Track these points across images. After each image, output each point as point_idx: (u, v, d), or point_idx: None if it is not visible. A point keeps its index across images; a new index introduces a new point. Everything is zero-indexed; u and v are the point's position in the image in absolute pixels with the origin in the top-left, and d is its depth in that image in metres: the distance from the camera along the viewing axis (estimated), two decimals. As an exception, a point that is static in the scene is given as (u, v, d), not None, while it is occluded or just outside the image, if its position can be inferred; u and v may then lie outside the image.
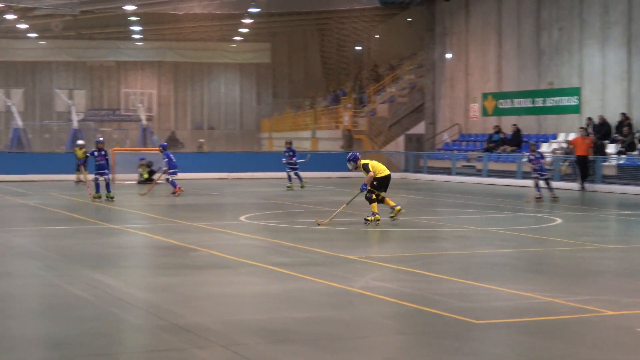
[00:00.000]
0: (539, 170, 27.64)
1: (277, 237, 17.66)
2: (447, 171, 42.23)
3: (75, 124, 50.69)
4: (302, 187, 33.09)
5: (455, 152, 43.34)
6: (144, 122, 52.89)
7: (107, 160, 27.35)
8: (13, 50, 62.81)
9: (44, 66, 68.28)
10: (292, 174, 33.44)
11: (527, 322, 9.99)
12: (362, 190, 20.32)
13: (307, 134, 56.35)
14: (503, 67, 42.85)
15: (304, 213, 23.83)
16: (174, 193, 29.34)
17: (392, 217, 20.56)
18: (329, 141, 52.09)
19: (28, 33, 60.41)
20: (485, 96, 43.80)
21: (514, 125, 40.52)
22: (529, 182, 29.75)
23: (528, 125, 40.90)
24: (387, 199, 20.59)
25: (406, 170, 45.10)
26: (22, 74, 67.96)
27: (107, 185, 26.87)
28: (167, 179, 29.76)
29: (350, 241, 17.43)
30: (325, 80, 67.53)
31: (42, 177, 37.79)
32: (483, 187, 36.49)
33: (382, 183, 20.39)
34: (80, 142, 37.36)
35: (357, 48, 67.38)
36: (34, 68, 68.17)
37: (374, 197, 20.04)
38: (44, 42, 62.61)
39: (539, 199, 27.32)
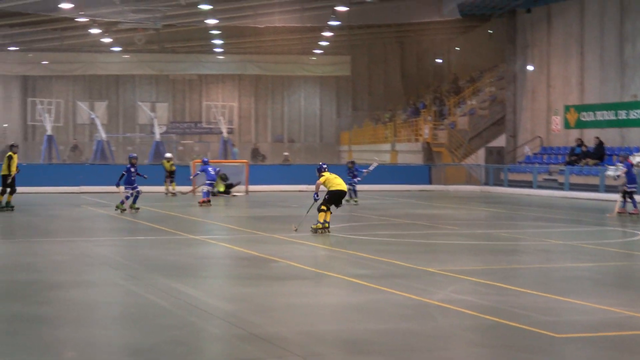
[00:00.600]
0: (627, 183, 27.05)
1: (356, 249, 17.63)
2: (528, 184, 41.80)
3: (157, 137, 51.31)
4: (354, 202, 32.29)
5: (537, 165, 42.87)
6: (225, 134, 53.30)
7: (138, 175, 28.13)
8: (97, 64, 63.80)
9: (127, 79, 69.22)
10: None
11: (609, 337, 9.84)
12: (314, 199, 20.96)
13: (386, 146, 56.25)
14: (585, 79, 42.30)
15: (383, 225, 23.78)
16: (200, 202, 30.55)
17: (313, 227, 20.79)
18: (409, 154, 51.92)
19: (112, 47, 61.28)
20: (567, 108, 43.27)
21: (597, 138, 39.93)
22: (613, 196, 29.29)
23: (611, 138, 40.30)
24: (328, 214, 20.84)
25: (486, 184, 44.76)
26: (105, 87, 68.97)
27: (135, 198, 27.57)
28: (204, 190, 31.23)
29: (430, 253, 17.34)
30: (404, 92, 67.34)
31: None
32: (565, 201, 36.06)
33: (333, 197, 20.88)
34: (168, 155, 38.08)
35: (438, 60, 67.10)
36: (118, 81, 69.14)
37: (323, 208, 20.67)
38: (128, 56, 63.52)
39: (621, 213, 26.86)
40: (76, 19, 50.19)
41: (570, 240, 20.10)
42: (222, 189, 36.83)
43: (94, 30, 54.16)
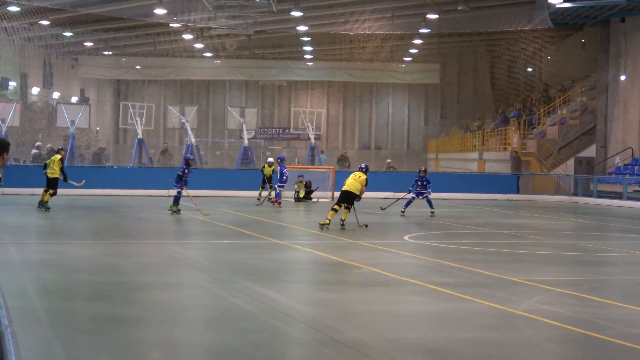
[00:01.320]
0: None
1: (441, 257, 17.54)
2: (618, 196, 41.11)
3: (245, 142, 51.66)
4: (430, 213, 29.80)
5: (627, 176, 42.16)
6: (313, 140, 53.50)
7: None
8: (189, 69, 64.51)
9: (218, 84, 70.00)
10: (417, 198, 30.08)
11: (698, 352, 9.62)
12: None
13: (474, 155, 55.86)
14: (679, 89, 41.52)
15: (468, 234, 23.62)
16: (273, 202, 33.51)
17: (321, 223, 23.46)
18: (496, 163, 51.47)
19: (204, 52, 62.02)
20: (660, 119, 42.52)
21: (690, 149, 39.18)
22: None
23: None
24: (345, 212, 23.53)
25: (575, 194, 44.14)
26: (197, 92, 69.86)
27: (177, 199, 28.29)
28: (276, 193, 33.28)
29: (515, 263, 17.17)
30: (494, 101, 66.85)
31: (212, 193, 38.63)
32: (656, 213, 35.42)
33: (340, 196, 23.74)
34: (270, 160, 37.46)
35: (528, 69, 66.49)
36: (208, 86, 70.01)
37: (335, 207, 23.58)
38: (219, 62, 64.17)
39: None
40: (169, 25, 50.90)
41: (660, 253, 19.76)
42: (302, 194, 37.14)
43: (187, 36, 54.90)
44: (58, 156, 28.50)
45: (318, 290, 13.66)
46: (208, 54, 62.61)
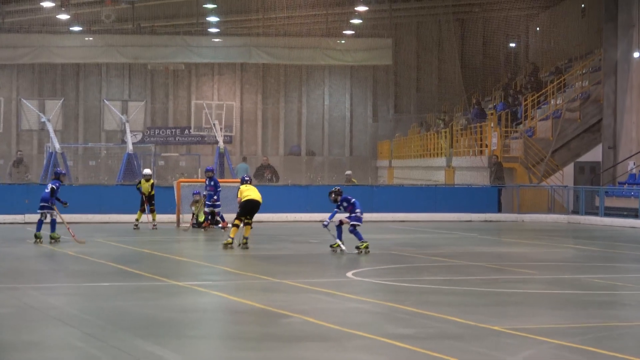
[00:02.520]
0: None
1: (397, 299, 17.63)
2: (632, 213, 41.50)
3: (130, 147, 51.38)
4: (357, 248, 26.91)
5: (645, 188, 42.69)
6: (221, 144, 53.37)
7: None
8: (51, 49, 63.74)
9: (91, 70, 69.40)
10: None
11: None
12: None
13: (440, 161, 56.09)
14: None
15: (434, 268, 23.77)
16: (223, 227, 35.07)
17: (223, 243, 27.18)
18: (470, 171, 51.78)
19: (71, 26, 61.60)
20: (686, 110, 43.14)
21: None
22: None
23: None
24: (247, 228, 26.89)
25: (575, 212, 44.49)
26: (62, 80, 69.21)
27: (53, 223, 29.32)
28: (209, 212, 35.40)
29: (497, 306, 17.31)
30: (465, 89, 67.30)
31: (85, 218, 38.35)
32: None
33: (244, 208, 26.69)
34: (146, 171, 37.03)
35: (511, 45, 67.12)
36: (78, 72, 69.40)
37: (236, 222, 26.76)
38: (91, 38, 63.72)
39: None
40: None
41: (689, 289, 20.06)
42: (202, 218, 36.12)
43: (47, 4, 54.46)
44: None
45: (231, 347, 13.66)
46: (76, 29, 62.21)
